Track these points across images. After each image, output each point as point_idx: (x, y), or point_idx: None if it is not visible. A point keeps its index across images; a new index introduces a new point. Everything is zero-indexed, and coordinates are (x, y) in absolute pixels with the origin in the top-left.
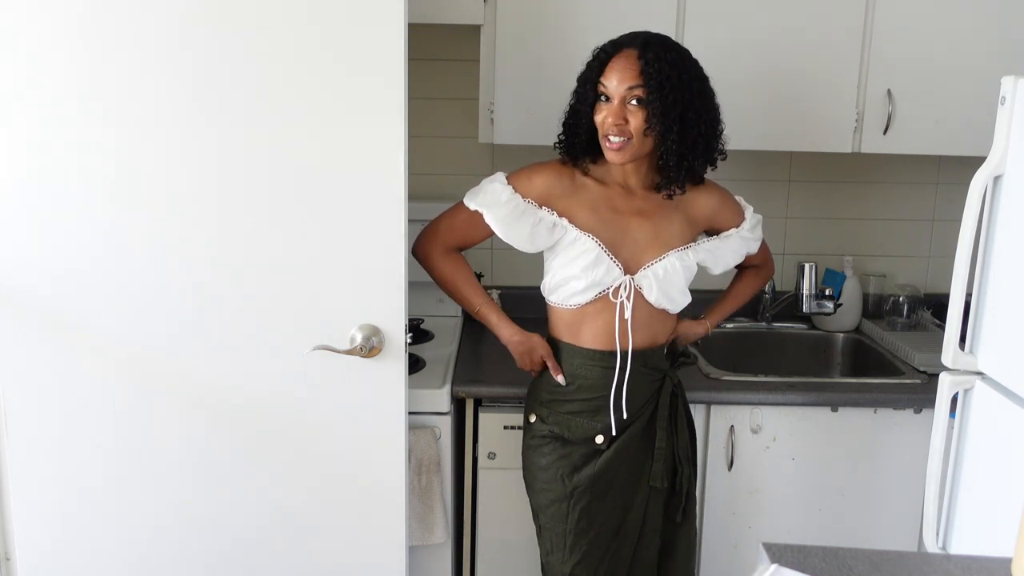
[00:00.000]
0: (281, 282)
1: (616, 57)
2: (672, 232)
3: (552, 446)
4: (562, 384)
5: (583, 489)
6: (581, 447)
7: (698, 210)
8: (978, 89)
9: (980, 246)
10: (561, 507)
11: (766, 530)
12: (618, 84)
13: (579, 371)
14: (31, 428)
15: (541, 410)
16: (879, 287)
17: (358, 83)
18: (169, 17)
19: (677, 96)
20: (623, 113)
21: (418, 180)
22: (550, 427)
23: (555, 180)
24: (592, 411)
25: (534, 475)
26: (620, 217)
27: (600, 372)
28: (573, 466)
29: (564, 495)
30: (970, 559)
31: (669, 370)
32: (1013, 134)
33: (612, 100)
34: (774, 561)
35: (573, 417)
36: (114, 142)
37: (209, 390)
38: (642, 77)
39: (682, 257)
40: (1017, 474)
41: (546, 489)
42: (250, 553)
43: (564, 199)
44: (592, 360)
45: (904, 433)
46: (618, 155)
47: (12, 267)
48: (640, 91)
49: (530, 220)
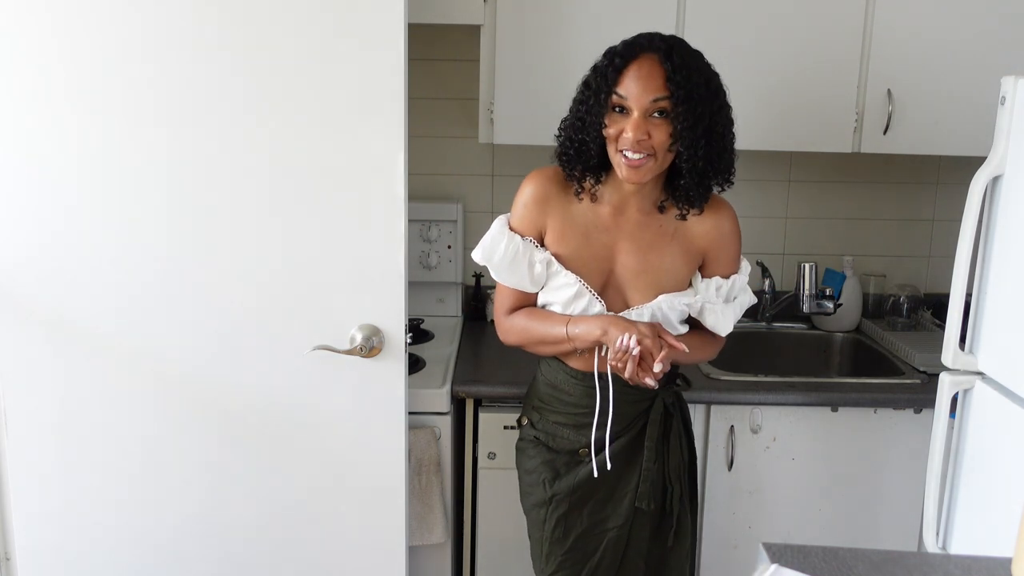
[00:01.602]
0: (281, 282)
1: (635, 63)
2: (663, 268)
3: (538, 450)
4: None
5: (561, 497)
6: (565, 455)
7: (695, 235)
8: (978, 89)
9: (980, 246)
10: (540, 512)
11: (766, 530)
12: (641, 94)
13: (564, 387)
14: (31, 428)
15: (532, 414)
16: (879, 287)
17: (358, 83)
18: (169, 17)
19: (705, 108)
20: (645, 127)
21: (418, 180)
22: (537, 433)
23: (547, 188)
24: (577, 425)
25: (521, 478)
26: (608, 241)
27: (583, 391)
28: (555, 472)
29: (544, 500)
30: (970, 559)
31: (661, 391)
32: (1013, 134)
33: (632, 112)
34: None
35: (560, 427)
36: (115, 143)
37: (209, 390)
38: (668, 86)
39: (672, 302)
40: (1017, 474)
41: (529, 492)
42: (250, 552)
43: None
44: (576, 379)
45: (904, 433)
46: (636, 173)
47: (13, 268)
48: (666, 102)
49: (525, 262)
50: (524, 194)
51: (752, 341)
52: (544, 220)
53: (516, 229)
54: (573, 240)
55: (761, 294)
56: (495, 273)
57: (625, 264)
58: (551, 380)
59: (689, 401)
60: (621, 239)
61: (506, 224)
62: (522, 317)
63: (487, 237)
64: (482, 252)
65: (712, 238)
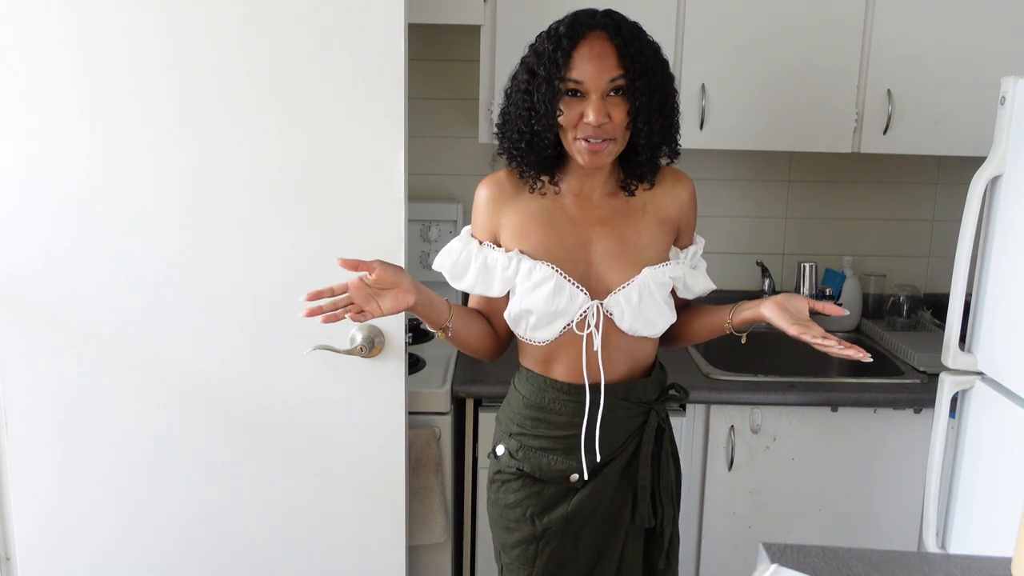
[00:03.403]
0: (281, 282)
1: (583, 43)
2: (642, 243)
3: (521, 482)
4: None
5: (554, 531)
6: (553, 485)
7: (665, 204)
8: (978, 89)
9: (980, 246)
10: (528, 549)
11: (766, 530)
12: (597, 76)
13: (551, 405)
14: (31, 428)
15: (510, 442)
16: (879, 287)
17: (358, 83)
18: (169, 17)
19: (657, 79)
20: (605, 109)
21: (418, 180)
22: (519, 464)
23: (498, 190)
24: (566, 449)
25: (500, 511)
26: (580, 231)
27: (574, 408)
28: (544, 505)
29: (533, 536)
30: (970, 559)
31: (655, 403)
32: (1013, 134)
33: (588, 95)
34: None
35: (545, 454)
36: (114, 142)
37: (209, 390)
38: (623, 63)
39: (657, 275)
40: (1017, 474)
41: (513, 528)
42: (249, 552)
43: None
44: (566, 394)
45: (904, 433)
46: (598, 157)
47: (14, 268)
48: (623, 80)
49: (477, 264)
50: (477, 200)
51: (752, 341)
52: (497, 221)
53: (475, 236)
54: (535, 233)
55: (761, 294)
56: (450, 277)
57: (601, 251)
58: (534, 401)
59: (689, 401)
60: (592, 226)
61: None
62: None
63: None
64: (439, 259)
65: (682, 203)
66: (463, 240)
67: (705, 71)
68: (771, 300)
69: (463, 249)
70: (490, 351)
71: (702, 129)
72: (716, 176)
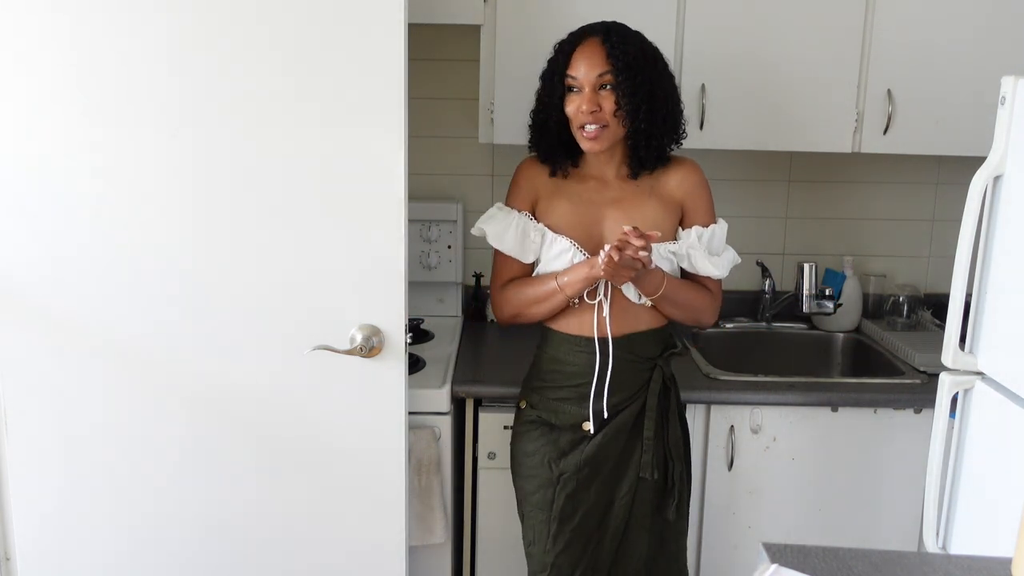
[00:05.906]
0: (281, 282)
1: (580, 46)
2: (647, 223)
3: (540, 431)
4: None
5: (569, 475)
6: (568, 433)
7: (670, 189)
8: (978, 89)
9: (980, 246)
10: (546, 493)
11: (766, 530)
12: (588, 72)
13: (566, 357)
14: (31, 428)
15: (532, 396)
16: (879, 287)
17: (358, 83)
18: (170, 17)
19: (643, 76)
20: (596, 100)
21: (418, 180)
22: (539, 412)
23: (537, 171)
24: (579, 398)
25: (520, 461)
26: (595, 209)
27: (586, 358)
28: (560, 451)
29: (550, 481)
30: (970, 559)
31: (659, 359)
32: (1013, 134)
33: (583, 89)
34: (774, 561)
35: (561, 403)
36: (115, 142)
37: (209, 390)
38: (609, 61)
39: (659, 252)
40: (1017, 474)
41: (532, 475)
42: (249, 552)
43: (548, 190)
44: (578, 346)
45: (904, 433)
46: (595, 143)
47: (14, 268)
48: (609, 76)
49: (517, 229)
50: (517, 175)
51: (752, 341)
52: (535, 194)
53: (512, 206)
54: (560, 209)
55: (761, 294)
56: (492, 238)
57: (613, 229)
58: (553, 354)
59: (689, 401)
60: (607, 206)
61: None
62: (514, 286)
63: (486, 214)
64: (480, 223)
65: (685, 188)
66: (502, 209)
67: (705, 71)
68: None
69: (503, 215)
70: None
71: (702, 129)
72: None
